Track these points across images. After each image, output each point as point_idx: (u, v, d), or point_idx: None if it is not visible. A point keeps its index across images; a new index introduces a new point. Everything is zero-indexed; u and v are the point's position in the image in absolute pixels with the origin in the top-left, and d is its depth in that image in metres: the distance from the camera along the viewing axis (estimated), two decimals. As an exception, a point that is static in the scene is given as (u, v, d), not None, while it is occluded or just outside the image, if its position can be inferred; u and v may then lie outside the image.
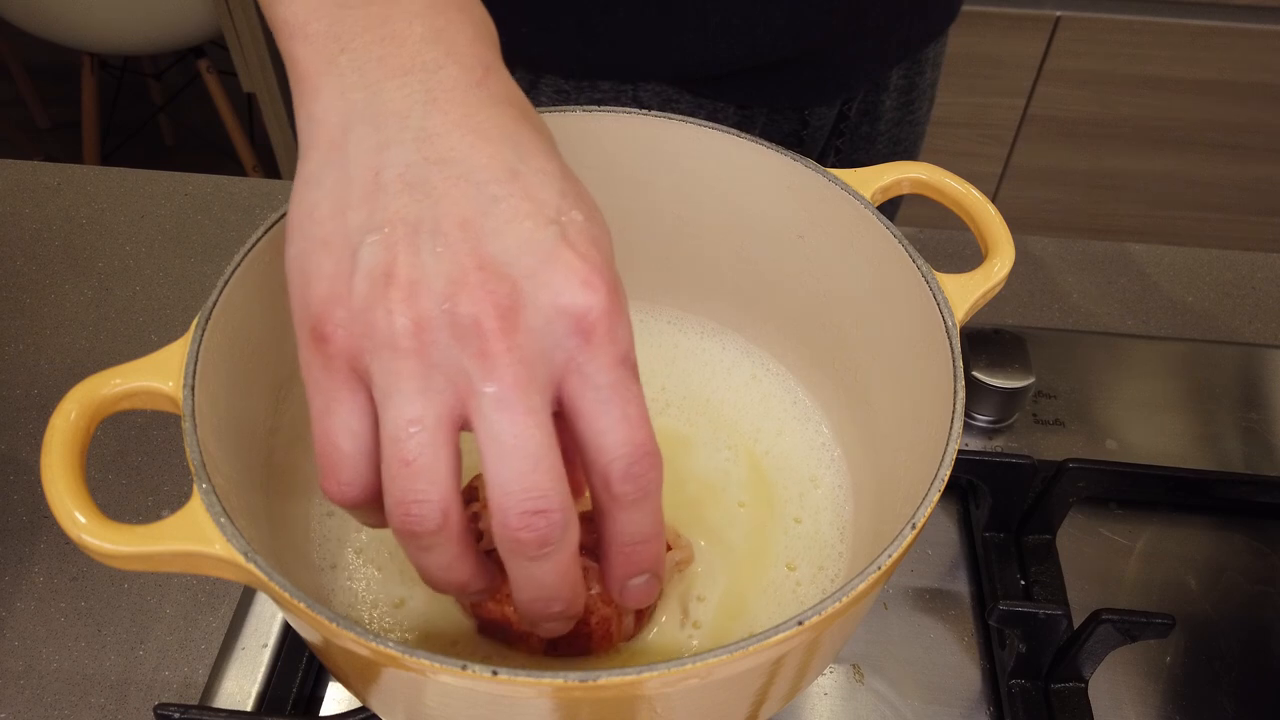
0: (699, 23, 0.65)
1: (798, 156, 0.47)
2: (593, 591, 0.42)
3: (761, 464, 0.51)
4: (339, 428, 0.31)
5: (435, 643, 0.45)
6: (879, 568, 0.34)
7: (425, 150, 0.31)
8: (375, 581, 0.47)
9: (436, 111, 0.31)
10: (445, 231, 0.30)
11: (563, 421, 0.31)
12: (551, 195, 0.31)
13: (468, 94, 0.32)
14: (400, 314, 0.29)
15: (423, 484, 0.30)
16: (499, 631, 0.43)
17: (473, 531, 0.44)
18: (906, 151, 0.85)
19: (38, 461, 0.35)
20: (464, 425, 0.30)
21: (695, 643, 0.45)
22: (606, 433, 0.31)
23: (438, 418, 0.29)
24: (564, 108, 0.47)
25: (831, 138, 0.79)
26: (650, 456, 0.31)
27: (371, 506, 0.33)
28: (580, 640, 0.43)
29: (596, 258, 0.30)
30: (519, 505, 0.30)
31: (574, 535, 0.31)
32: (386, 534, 0.48)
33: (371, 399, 0.30)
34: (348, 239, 0.30)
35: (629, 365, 0.31)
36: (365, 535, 0.48)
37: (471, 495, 0.46)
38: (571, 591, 0.33)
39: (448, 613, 0.46)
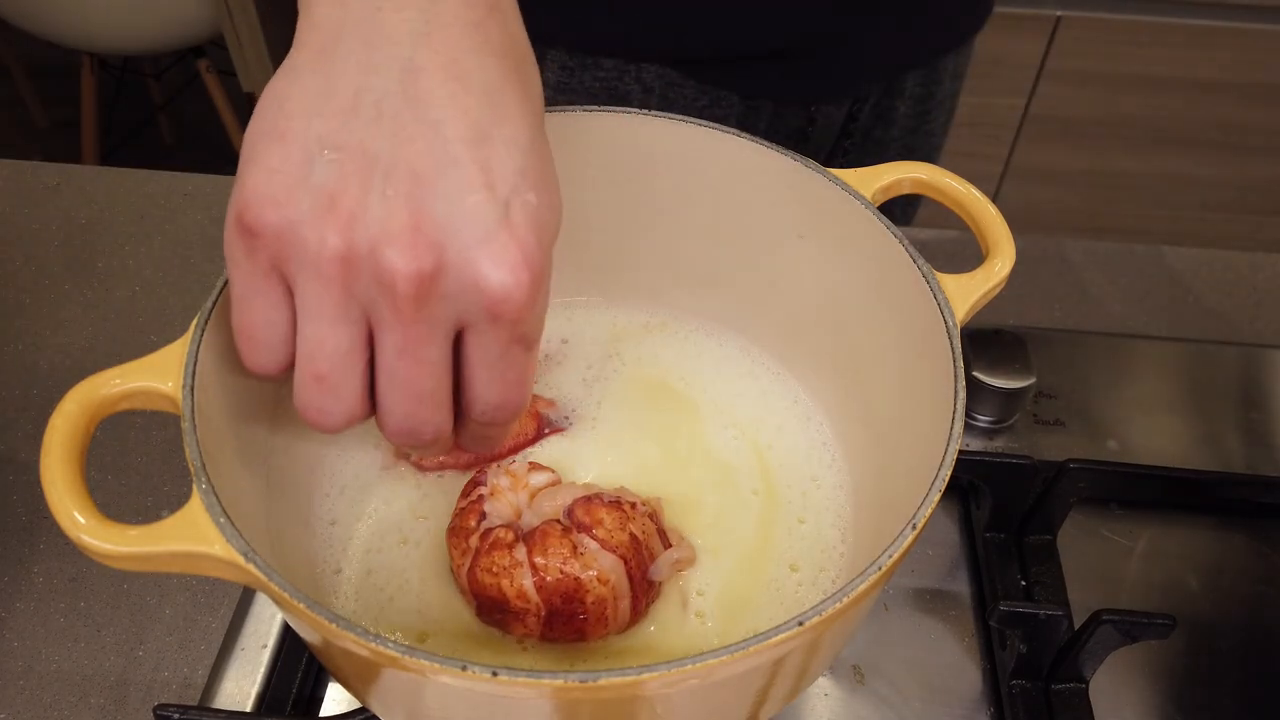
0: (693, 7, 0.65)
1: (798, 156, 0.46)
2: (591, 574, 0.42)
3: (766, 456, 0.51)
4: (258, 318, 0.33)
5: (435, 643, 0.45)
6: (879, 568, 0.34)
7: (407, 85, 0.31)
8: (375, 583, 0.47)
9: (426, 47, 0.32)
10: (398, 178, 0.31)
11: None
12: (510, 170, 0.32)
13: (463, 34, 0.32)
14: (332, 241, 0.31)
15: (329, 399, 0.34)
16: (496, 611, 0.43)
17: (477, 512, 0.44)
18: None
19: (37, 461, 0.35)
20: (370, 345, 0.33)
21: (694, 641, 0.45)
22: (482, 388, 0.35)
23: (351, 342, 0.33)
24: (565, 107, 0.47)
25: (840, 139, 0.79)
26: (507, 410, 0.36)
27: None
28: (576, 622, 0.43)
29: (532, 246, 0.32)
30: (398, 425, 0.35)
31: (445, 443, 0.37)
32: (386, 535, 0.48)
33: (288, 294, 0.33)
34: (305, 144, 0.31)
35: (525, 343, 0.34)
36: (365, 536, 0.48)
37: (476, 484, 0.46)
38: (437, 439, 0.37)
39: (448, 613, 0.46)
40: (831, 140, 0.78)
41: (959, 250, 0.76)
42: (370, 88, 0.31)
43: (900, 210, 0.85)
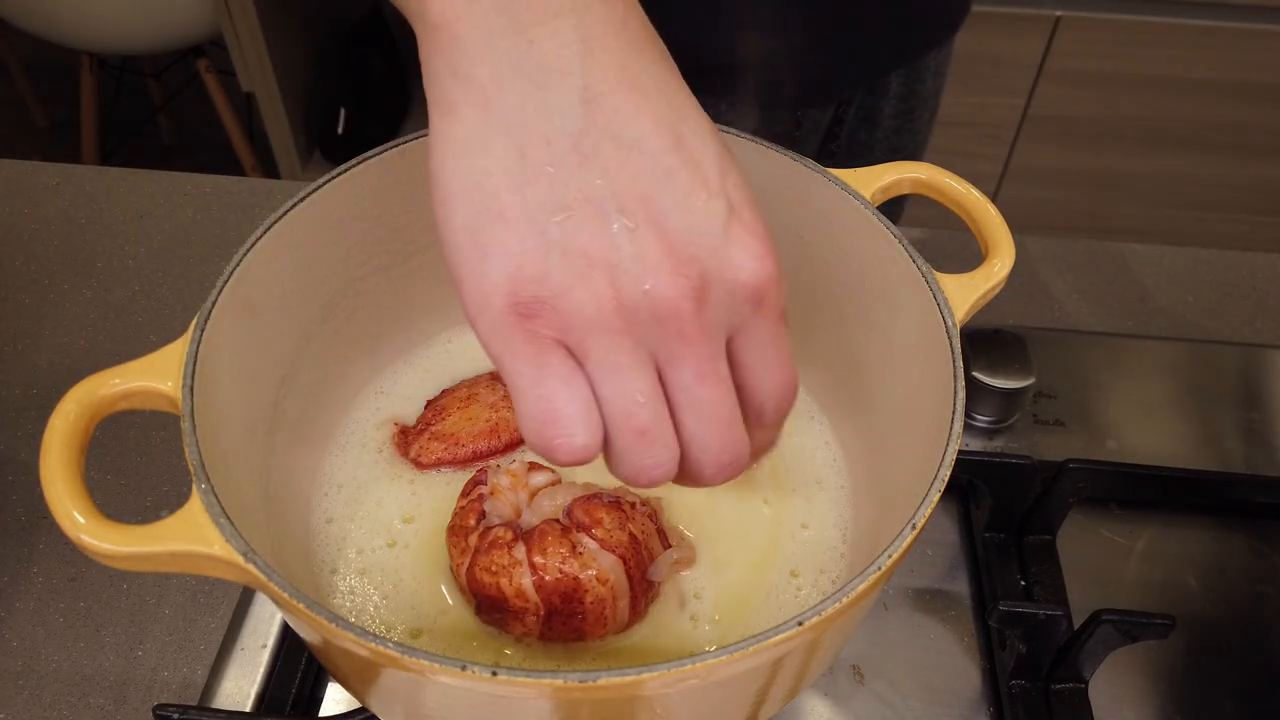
0: (682, 12, 0.65)
1: (798, 156, 0.46)
2: (590, 573, 0.42)
3: (775, 463, 0.51)
4: (559, 399, 0.32)
5: (430, 642, 0.45)
6: (879, 568, 0.34)
7: (593, 114, 0.31)
8: (370, 581, 0.47)
9: (595, 66, 0.31)
10: (629, 209, 0.31)
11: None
12: (712, 160, 0.32)
13: (618, 38, 0.32)
14: (606, 294, 0.31)
15: (658, 449, 0.33)
16: (495, 610, 0.43)
17: (476, 511, 0.44)
18: (907, 160, 0.85)
19: (36, 461, 0.35)
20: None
21: (693, 642, 0.45)
22: (763, 379, 0.35)
23: (654, 389, 0.33)
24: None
25: (826, 141, 0.79)
26: (791, 393, 0.36)
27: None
28: (575, 622, 0.43)
29: (760, 228, 0.33)
30: (716, 460, 0.34)
31: (747, 453, 0.36)
32: (382, 533, 0.48)
33: (578, 367, 0.32)
34: (531, 216, 0.31)
35: (783, 317, 0.34)
36: (361, 535, 0.48)
37: (476, 483, 0.46)
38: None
39: (445, 612, 0.46)
40: (817, 143, 0.78)
41: (959, 250, 0.76)
42: (559, 131, 0.31)
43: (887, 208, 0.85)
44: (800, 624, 0.32)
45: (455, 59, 0.31)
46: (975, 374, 0.61)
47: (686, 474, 0.35)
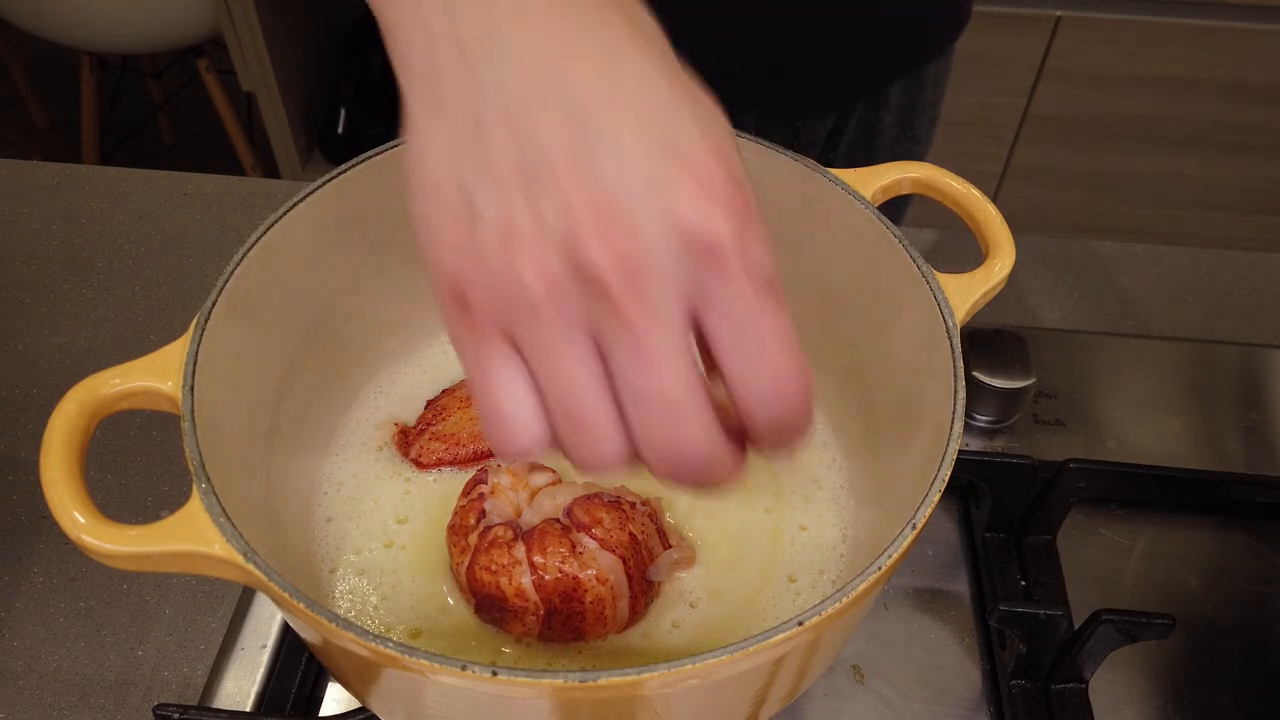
0: (681, 25, 0.65)
1: (798, 156, 0.46)
2: (590, 573, 0.42)
3: (774, 465, 0.51)
4: (500, 386, 0.30)
5: (429, 641, 0.45)
6: (879, 568, 0.34)
7: (520, 81, 0.29)
8: (374, 584, 0.47)
9: (519, 30, 0.29)
10: (555, 171, 0.28)
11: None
12: (657, 106, 0.29)
13: (554, 5, 0.29)
14: (531, 276, 0.28)
15: (594, 438, 0.30)
16: (495, 609, 0.43)
17: (477, 510, 0.44)
18: None
19: (37, 461, 0.35)
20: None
21: (693, 642, 0.45)
22: (744, 370, 0.29)
23: (588, 371, 0.29)
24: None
25: (826, 151, 0.79)
26: (792, 396, 0.30)
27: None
28: (575, 621, 0.43)
29: (715, 170, 0.28)
30: (665, 462, 0.30)
31: (722, 462, 0.30)
32: (382, 533, 0.48)
33: (520, 355, 0.30)
34: (465, 195, 0.29)
35: (765, 288, 0.29)
36: (361, 534, 0.48)
37: (477, 482, 0.46)
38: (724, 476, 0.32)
39: (443, 611, 0.46)
40: (817, 154, 0.78)
41: (959, 250, 0.76)
42: (486, 105, 0.29)
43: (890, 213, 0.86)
44: (800, 624, 0.32)
45: (396, 42, 0.31)
46: (975, 374, 0.61)
47: (652, 469, 0.31)
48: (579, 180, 0.28)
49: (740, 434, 0.31)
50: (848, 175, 0.46)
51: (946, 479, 0.36)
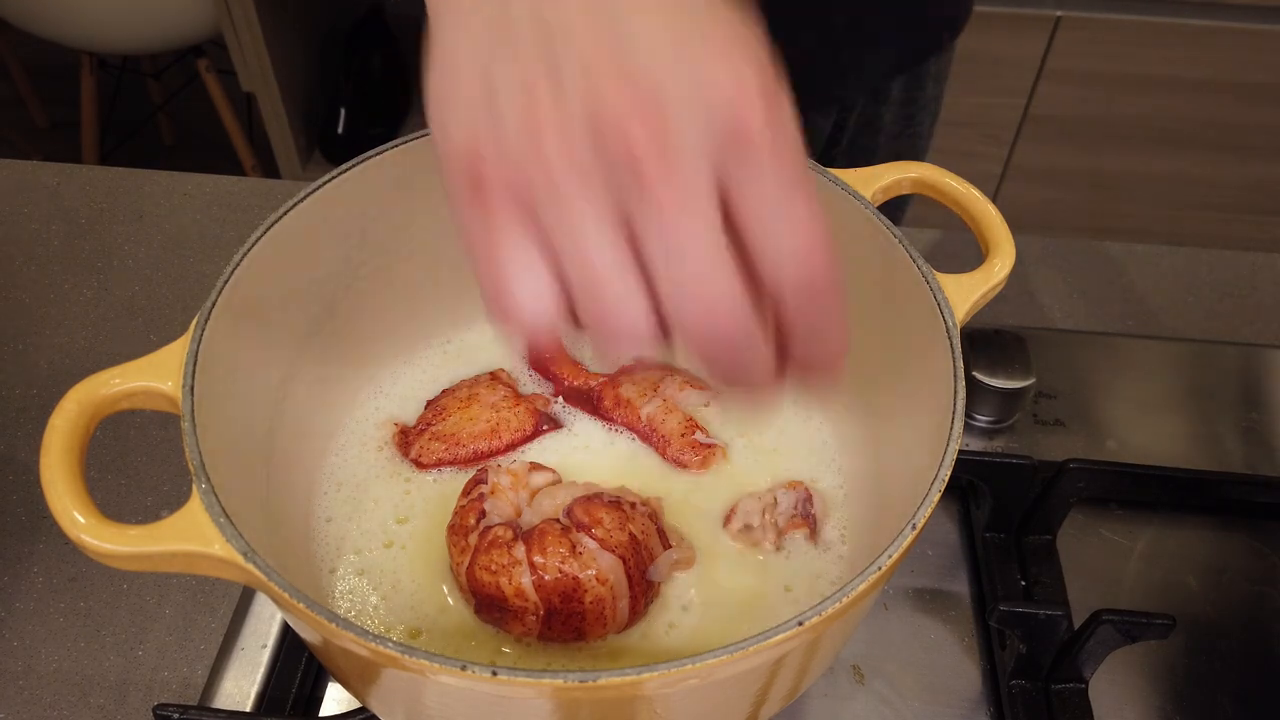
0: None
1: (798, 156, 0.46)
2: (590, 573, 0.42)
3: (774, 463, 0.51)
4: (507, 263, 0.29)
5: (429, 641, 0.45)
6: (879, 568, 0.34)
7: None
8: (374, 584, 0.47)
9: None
10: (581, 47, 0.28)
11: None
12: (689, 6, 0.28)
13: None
14: (553, 149, 0.28)
15: (620, 305, 0.29)
16: (495, 609, 0.43)
17: (477, 510, 0.44)
18: None
19: (37, 462, 0.35)
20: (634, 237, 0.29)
21: (694, 642, 0.45)
22: (772, 235, 0.29)
23: (618, 250, 0.28)
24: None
25: (828, 147, 0.79)
26: (816, 254, 0.29)
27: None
28: (575, 621, 0.43)
29: (740, 45, 0.28)
30: (697, 319, 0.29)
31: (757, 338, 0.30)
32: (381, 533, 0.48)
33: (535, 229, 0.29)
34: (485, 73, 0.29)
35: (792, 165, 0.28)
36: (360, 534, 0.48)
37: (477, 482, 0.46)
38: (763, 369, 0.31)
39: (447, 613, 0.46)
40: (819, 150, 0.78)
41: (959, 250, 0.76)
42: (513, 2, 0.29)
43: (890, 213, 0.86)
44: (800, 624, 0.32)
45: None
46: (975, 374, 0.61)
47: (684, 336, 0.29)
48: (607, 54, 0.27)
49: (776, 348, 0.30)
50: (848, 175, 0.46)
51: (946, 479, 0.36)
